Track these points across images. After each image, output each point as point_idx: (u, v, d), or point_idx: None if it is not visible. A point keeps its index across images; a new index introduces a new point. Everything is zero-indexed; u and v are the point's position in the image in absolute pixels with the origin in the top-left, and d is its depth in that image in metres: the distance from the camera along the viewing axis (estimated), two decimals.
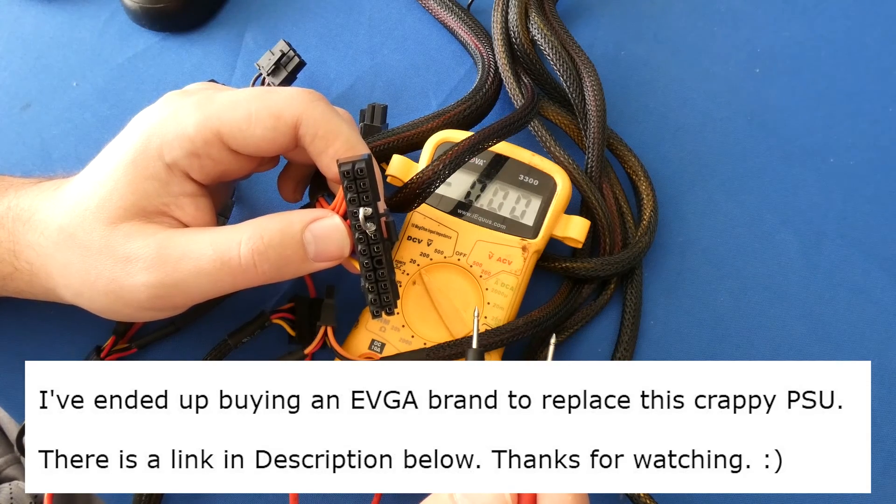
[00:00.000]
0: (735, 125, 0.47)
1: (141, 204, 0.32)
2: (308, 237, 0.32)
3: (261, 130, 0.32)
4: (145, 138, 0.32)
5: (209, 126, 0.32)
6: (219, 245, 0.32)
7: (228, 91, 0.34)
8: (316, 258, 0.33)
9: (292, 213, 0.33)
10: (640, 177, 0.44)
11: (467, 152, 0.36)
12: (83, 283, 0.33)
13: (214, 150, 0.33)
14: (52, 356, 0.40)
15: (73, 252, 0.32)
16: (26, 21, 0.50)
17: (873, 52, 0.49)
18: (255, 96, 0.33)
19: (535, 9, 0.45)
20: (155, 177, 0.32)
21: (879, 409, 0.40)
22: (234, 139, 0.32)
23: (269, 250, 0.32)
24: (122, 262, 0.32)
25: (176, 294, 0.32)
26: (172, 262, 0.32)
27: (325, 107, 0.33)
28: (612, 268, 0.41)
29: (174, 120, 0.32)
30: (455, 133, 0.41)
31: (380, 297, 0.32)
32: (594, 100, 0.43)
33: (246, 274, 0.32)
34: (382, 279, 0.32)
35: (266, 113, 0.32)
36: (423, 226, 0.40)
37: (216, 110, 0.32)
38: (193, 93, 0.34)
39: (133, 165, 0.32)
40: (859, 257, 0.44)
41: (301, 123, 0.33)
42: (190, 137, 0.32)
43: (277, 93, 0.33)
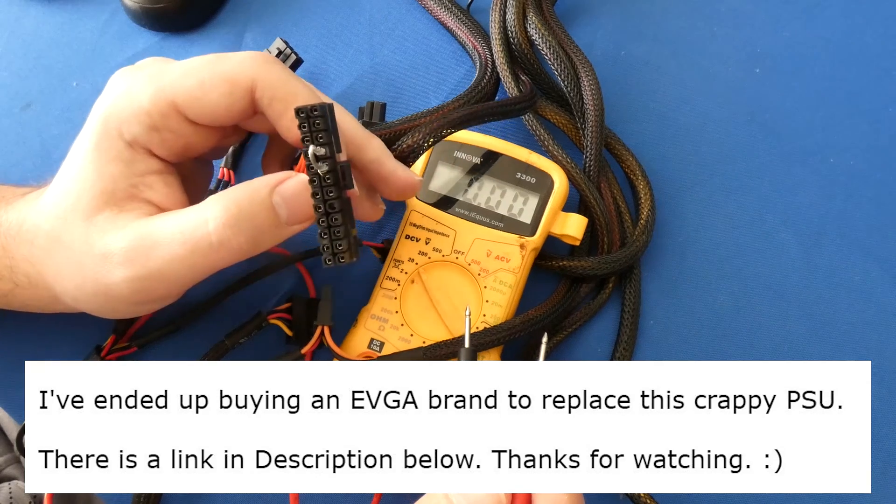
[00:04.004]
0: (735, 125, 0.47)
1: (109, 189, 0.32)
2: (277, 200, 0.31)
3: (216, 96, 0.31)
4: (103, 121, 0.32)
5: (163, 97, 0.31)
6: (187, 228, 0.31)
7: (181, 62, 0.33)
8: (289, 221, 0.32)
9: (256, 180, 0.32)
10: (637, 176, 0.44)
11: (456, 122, 0.36)
12: (76, 286, 0.32)
13: (173, 122, 0.32)
14: (52, 356, 0.40)
15: (61, 256, 0.32)
16: (26, 21, 0.50)
17: (873, 52, 0.49)
18: (206, 63, 0.32)
19: (532, 9, 0.45)
20: (118, 158, 0.32)
21: (879, 409, 0.40)
22: (191, 108, 0.32)
23: (241, 222, 0.31)
24: (101, 259, 0.31)
25: (157, 285, 0.32)
26: (144, 253, 0.31)
27: (281, 69, 0.33)
28: (610, 266, 0.41)
29: (128, 96, 0.32)
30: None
31: (333, 245, 0.30)
32: (592, 99, 0.43)
33: (221, 252, 0.31)
34: (336, 224, 0.30)
35: (220, 79, 0.31)
36: (421, 224, 0.40)
37: (169, 81, 0.32)
38: (145, 66, 0.33)
39: (96, 150, 0.32)
40: (859, 257, 0.44)
41: (256, 87, 0.32)
42: (146, 111, 0.31)
43: (230, 58, 0.32)
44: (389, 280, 0.39)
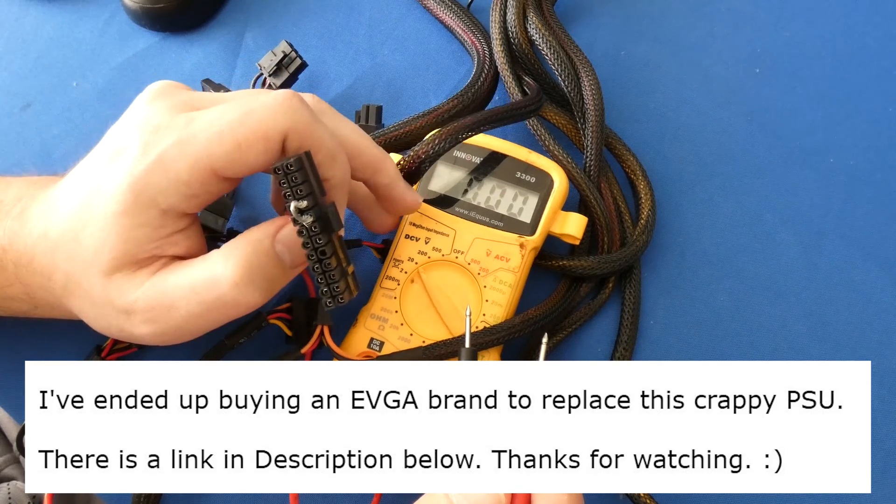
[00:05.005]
0: (735, 125, 0.47)
1: (132, 252, 0.32)
2: (280, 248, 0.32)
3: (253, 156, 0.31)
4: (133, 190, 0.31)
5: (203, 167, 0.31)
6: (201, 288, 0.31)
7: (204, 115, 0.32)
8: (293, 265, 0.33)
9: (255, 231, 0.32)
10: (638, 176, 0.44)
11: (471, 127, 0.37)
12: (101, 327, 0.34)
13: (211, 185, 0.32)
14: (52, 356, 0.40)
15: (83, 301, 0.33)
16: (26, 21, 0.50)
17: (873, 52, 0.49)
18: (239, 120, 0.31)
19: (532, 9, 0.45)
20: (147, 224, 0.32)
21: (879, 409, 0.40)
22: (229, 170, 0.31)
23: (253, 279, 0.31)
24: (124, 314, 0.32)
25: (178, 335, 0.33)
26: (164, 312, 0.32)
27: (307, 113, 0.32)
28: (610, 266, 0.41)
29: (162, 168, 0.31)
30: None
31: (330, 288, 0.31)
32: (592, 99, 0.43)
33: (237, 308, 0.32)
34: (329, 269, 0.31)
35: (254, 137, 0.31)
36: (420, 224, 0.40)
37: (204, 148, 0.31)
38: (166, 127, 0.31)
39: (123, 216, 0.31)
40: (859, 257, 0.44)
41: (287, 136, 0.32)
42: (186, 183, 0.31)
43: (258, 110, 0.31)
44: (389, 279, 0.39)
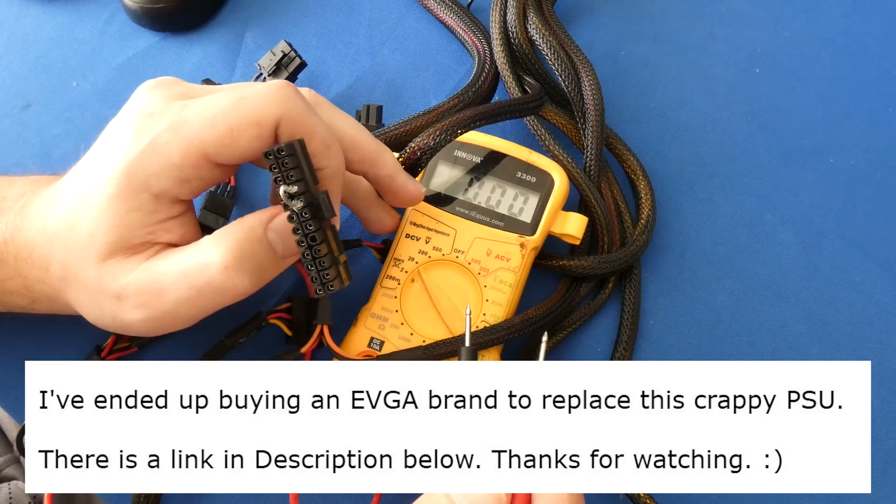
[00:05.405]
0: (735, 125, 0.47)
1: (126, 237, 0.32)
2: (272, 236, 0.32)
3: (245, 141, 0.31)
4: (126, 174, 0.31)
5: (194, 151, 0.31)
6: (191, 273, 0.31)
7: (198, 102, 0.32)
8: (285, 254, 0.33)
9: (248, 219, 0.32)
10: (638, 176, 0.44)
11: (469, 122, 0.37)
12: (95, 317, 0.34)
13: (203, 171, 0.32)
14: (52, 356, 0.40)
15: (78, 290, 0.33)
16: (26, 21, 0.50)
17: (873, 52, 0.49)
18: (231, 106, 0.31)
19: (532, 9, 0.45)
20: (140, 209, 0.32)
21: (879, 409, 0.40)
22: (221, 156, 0.31)
23: (242, 264, 0.31)
24: (116, 300, 0.32)
25: (169, 322, 0.33)
26: (155, 297, 0.32)
27: (300, 102, 0.32)
28: (610, 266, 0.41)
29: (154, 152, 0.31)
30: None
31: (320, 275, 0.31)
32: (592, 99, 0.43)
33: (227, 294, 0.32)
34: (319, 255, 0.31)
35: (246, 123, 0.31)
36: (421, 223, 0.40)
37: (196, 132, 0.31)
38: (160, 113, 0.32)
39: (116, 200, 0.31)
40: (859, 257, 0.44)
41: (280, 124, 0.32)
42: (177, 166, 0.31)
43: (252, 97, 0.31)
44: (389, 279, 0.39)
